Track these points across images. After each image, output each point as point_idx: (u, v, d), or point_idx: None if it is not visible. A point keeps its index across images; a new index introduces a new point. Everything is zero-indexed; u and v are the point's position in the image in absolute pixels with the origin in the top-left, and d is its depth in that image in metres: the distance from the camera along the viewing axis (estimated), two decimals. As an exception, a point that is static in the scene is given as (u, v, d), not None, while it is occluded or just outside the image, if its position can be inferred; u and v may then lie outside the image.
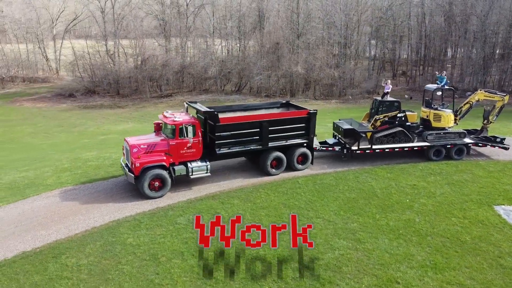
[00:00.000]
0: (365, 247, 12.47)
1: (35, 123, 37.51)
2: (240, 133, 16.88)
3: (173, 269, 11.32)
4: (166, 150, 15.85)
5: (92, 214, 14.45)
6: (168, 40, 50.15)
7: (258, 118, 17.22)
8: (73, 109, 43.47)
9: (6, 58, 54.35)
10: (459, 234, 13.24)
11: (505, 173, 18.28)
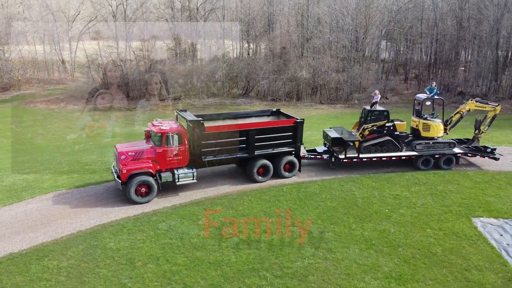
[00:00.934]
0: (335, 256, 12.81)
1: (46, 124, 38.74)
2: (226, 141, 17.39)
3: (146, 274, 11.90)
4: (153, 158, 16.49)
5: (79, 218, 15.18)
6: (178, 44, 51.08)
7: (244, 127, 17.70)
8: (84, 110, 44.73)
9: (23, 60, 56.22)
10: (431, 246, 13.44)
11: (491, 184, 18.30)
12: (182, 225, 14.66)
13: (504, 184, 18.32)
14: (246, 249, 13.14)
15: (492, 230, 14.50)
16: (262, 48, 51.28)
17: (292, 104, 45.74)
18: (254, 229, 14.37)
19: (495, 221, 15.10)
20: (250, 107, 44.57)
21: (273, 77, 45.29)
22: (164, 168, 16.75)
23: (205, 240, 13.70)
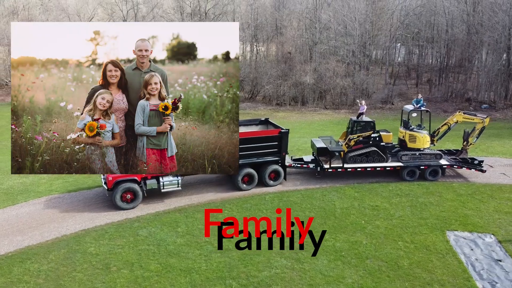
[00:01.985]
0: (303, 267, 13.23)
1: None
2: (211, 150, 17.95)
3: (119, 279, 12.55)
4: (139, 165, 17.15)
5: (66, 222, 15.98)
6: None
7: (228, 137, 18.20)
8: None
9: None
10: (399, 258, 13.72)
11: (474, 197, 18.38)
12: (161, 232, 15.30)
13: (486, 197, 18.38)
14: (218, 258, 13.67)
15: (464, 244, 14.67)
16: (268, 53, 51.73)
17: (296, 109, 46.12)
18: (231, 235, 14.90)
19: (468, 235, 15.25)
20: (255, 112, 45.13)
21: (278, 82, 45.72)
22: (149, 176, 17.43)
23: (181, 247, 14.29)
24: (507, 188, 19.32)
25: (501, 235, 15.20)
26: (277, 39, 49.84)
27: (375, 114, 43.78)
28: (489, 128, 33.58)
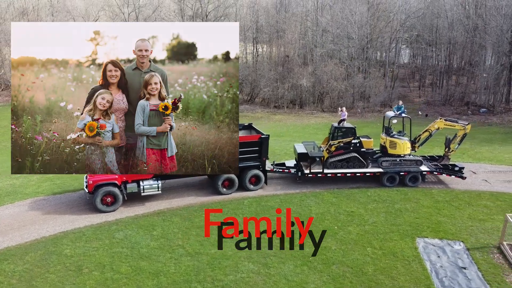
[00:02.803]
0: (269, 271, 13.55)
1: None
2: (191, 155, 18.36)
3: (89, 281, 13.00)
4: (120, 169, 17.63)
5: (47, 224, 16.51)
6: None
7: (208, 142, 18.59)
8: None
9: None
10: (365, 265, 13.97)
11: (451, 203, 18.51)
12: (137, 235, 15.74)
13: (463, 204, 18.51)
14: (188, 261, 14.06)
15: (432, 251, 14.86)
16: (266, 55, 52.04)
17: (294, 112, 46.40)
18: (202, 241, 15.29)
19: (438, 242, 15.43)
20: (252, 114, 45.53)
21: (276, 85, 46.03)
22: (130, 180, 17.90)
23: (153, 250, 14.71)
24: (485, 195, 19.42)
25: (471, 242, 15.36)
26: (276, 42, 50.14)
27: (372, 117, 43.87)
28: (482, 133, 33.72)
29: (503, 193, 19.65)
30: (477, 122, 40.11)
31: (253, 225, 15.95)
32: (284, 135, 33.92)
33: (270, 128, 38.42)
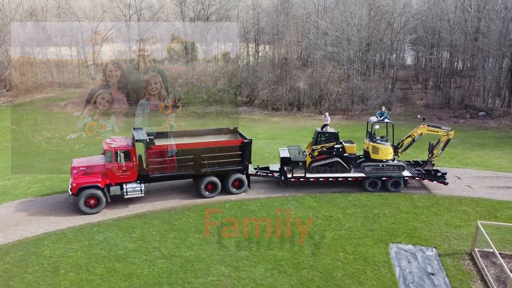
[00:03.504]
0: (239, 275, 13.88)
1: (56, 128, 41.59)
2: (173, 159, 18.77)
3: (64, 281, 13.44)
4: (103, 172, 18.11)
5: (31, 225, 17.01)
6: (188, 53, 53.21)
7: (190, 146, 19.00)
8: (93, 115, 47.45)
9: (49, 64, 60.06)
10: (335, 269, 14.22)
11: (430, 209, 18.66)
12: (116, 237, 16.16)
13: (443, 209, 18.64)
14: (162, 263, 14.45)
15: (403, 256, 15.06)
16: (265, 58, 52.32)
17: (291, 114, 46.61)
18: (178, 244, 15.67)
19: (411, 248, 15.62)
20: (249, 116, 45.85)
21: (274, 87, 46.30)
22: (113, 182, 18.33)
23: (130, 252, 15.12)
24: (466, 201, 19.52)
25: (443, 248, 15.53)
26: (275, 44, 50.42)
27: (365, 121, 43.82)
28: (476, 137, 33.67)
29: (484, 199, 19.73)
30: (474, 126, 40.01)
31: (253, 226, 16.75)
32: (278, 138, 34.18)
33: (265, 130, 38.77)
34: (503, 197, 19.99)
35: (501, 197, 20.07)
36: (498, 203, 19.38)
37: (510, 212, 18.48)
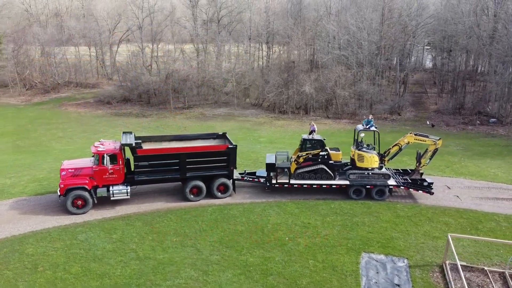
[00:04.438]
0: (207, 279, 14.28)
1: (67, 127, 42.95)
2: (159, 163, 19.34)
3: (40, 279, 14.14)
4: (91, 175, 18.84)
5: (21, 223, 17.87)
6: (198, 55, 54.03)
7: (175, 151, 19.53)
8: (106, 115, 48.67)
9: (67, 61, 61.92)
10: (302, 277, 14.44)
11: (411, 219, 18.60)
12: (97, 237, 16.82)
13: (424, 219, 18.56)
14: (135, 265, 14.99)
15: (373, 266, 15.15)
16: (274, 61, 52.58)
17: (298, 118, 46.68)
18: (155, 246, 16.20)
19: (383, 258, 15.68)
20: (256, 119, 46.21)
21: (280, 90, 46.52)
22: (100, 184, 19.04)
23: (107, 253, 15.73)
24: (450, 212, 19.36)
25: (415, 260, 15.53)
26: (283, 48, 50.66)
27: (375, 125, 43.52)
28: (481, 145, 33.09)
29: (470, 210, 19.52)
30: (482, 133, 39.20)
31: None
32: (277, 142, 34.41)
33: (268, 133, 39.04)
34: (490, 209, 19.73)
35: (487, 208, 19.80)
36: (483, 214, 19.15)
37: (493, 224, 18.25)
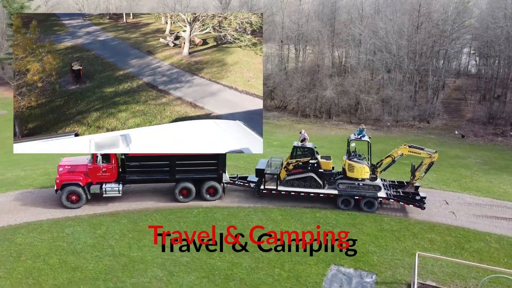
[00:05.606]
0: (170, 279, 14.74)
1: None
2: (149, 164, 20.11)
3: (19, 268, 15.17)
4: (85, 172, 19.93)
5: (19, 214, 19.23)
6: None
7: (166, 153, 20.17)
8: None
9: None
10: (262, 285, 14.47)
11: (394, 233, 18.10)
12: (82, 232, 17.80)
13: (408, 235, 18.01)
14: (109, 261, 15.73)
15: (338, 280, 14.96)
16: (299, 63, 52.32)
17: (319, 122, 46.27)
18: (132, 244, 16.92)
19: (351, 272, 15.43)
20: (277, 122, 46.37)
21: (303, 94, 46.32)
22: (94, 181, 20.09)
23: (86, 247, 16.61)
24: (440, 229, 18.64)
25: (385, 276, 15.17)
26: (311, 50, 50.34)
27: (399, 132, 42.34)
28: (504, 159, 31.41)
29: (461, 228, 18.69)
30: (511, 145, 37.03)
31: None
32: (290, 146, 34.17)
33: (285, 137, 39.03)
34: (484, 228, 18.78)
35: (481, 227, 18.86)
36: (474, 233, 18.28)
37: (481, 244, 17.38)
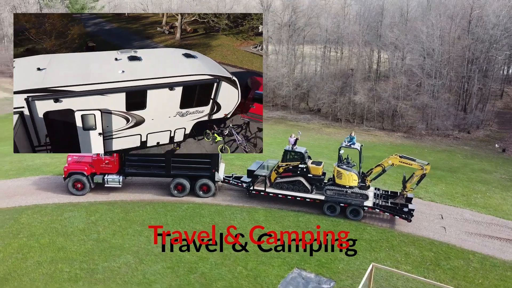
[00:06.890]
0: (138, 267, 15.84)
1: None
2: (147, 159, 21.52)
3: (13, 244, 17.03)
4: (90, 163, 21.77)
5: (31, 197, 21.44)
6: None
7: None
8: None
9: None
10: (220, 280, 15.15)
11: (371, 244, 17.88)
12: (78, 217, 19.52)
13: (385, 247, 17.73)
14: (90, 245, 17.15)
15: (295, 283, 15.22)
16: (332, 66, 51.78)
17: (349, 127, 45.63)
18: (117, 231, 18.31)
19: (311, 277, 15.62)
20: (306, 125, 46.42)
21: (334, 98, 45.94)
22: (98, 172, 21.87)
23: (76, 231, 18.23)
24: (422, 243, 18.14)
25: (344, 285, 15.22)
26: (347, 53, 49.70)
27: (432, 142, 40.68)
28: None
29: (446, 244, 18.05)
30: (553, 162, 34.25)
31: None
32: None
33: (308, 140, 39.05)
34: (471, 246, 17.99)
35: (469, 245, 18.07)
36: (457, 251, 17.60)
37: (460, 263, 16.71)
